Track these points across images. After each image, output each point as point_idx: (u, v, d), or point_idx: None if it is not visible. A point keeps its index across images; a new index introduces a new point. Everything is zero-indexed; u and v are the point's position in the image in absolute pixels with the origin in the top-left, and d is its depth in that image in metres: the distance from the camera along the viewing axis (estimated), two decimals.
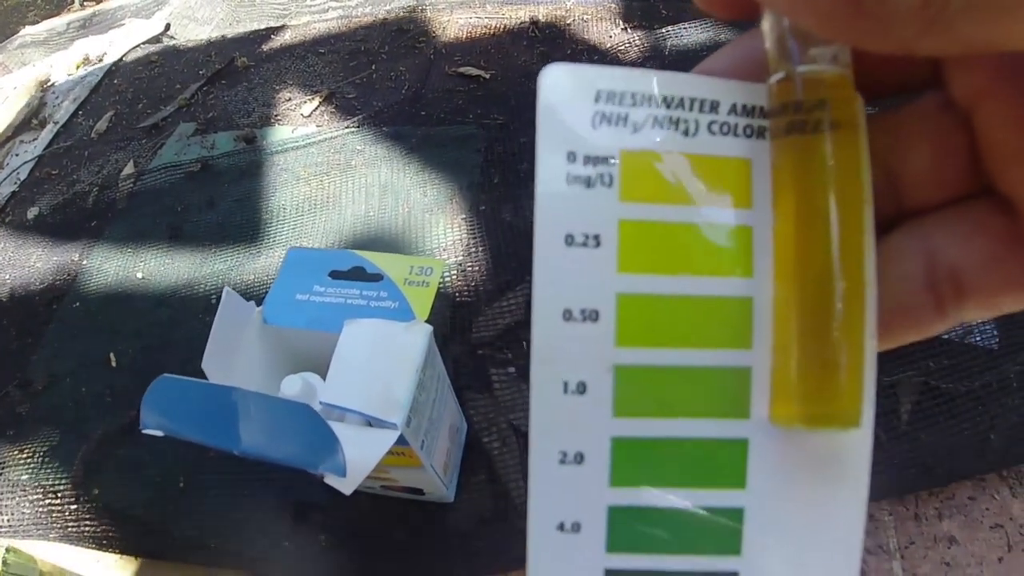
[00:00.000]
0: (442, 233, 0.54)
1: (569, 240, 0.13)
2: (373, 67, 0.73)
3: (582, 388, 0.14)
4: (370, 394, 0.31)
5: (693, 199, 0.14)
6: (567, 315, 0.13)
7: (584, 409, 0.14)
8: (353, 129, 0.65)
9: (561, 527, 0.14)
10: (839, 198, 0.12)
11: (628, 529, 0.14)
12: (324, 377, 0.33)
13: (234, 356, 0.33)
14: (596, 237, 0.13)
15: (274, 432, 0.26)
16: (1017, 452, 0.40)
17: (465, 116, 0.64)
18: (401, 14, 0.80)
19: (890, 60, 0.13)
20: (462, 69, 0.70)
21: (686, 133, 0.13)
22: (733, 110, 0.14)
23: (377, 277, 0.36)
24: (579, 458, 0.14)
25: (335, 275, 0.36)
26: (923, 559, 0.38)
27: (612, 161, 0.13)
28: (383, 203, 0.57)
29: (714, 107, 0.13)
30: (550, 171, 0.13)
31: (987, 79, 0.12)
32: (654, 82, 0.13)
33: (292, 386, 0.33)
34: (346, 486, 0.26)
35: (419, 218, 0.55)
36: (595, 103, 0.13)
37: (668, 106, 0.13)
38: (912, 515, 0.39)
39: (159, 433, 0.28)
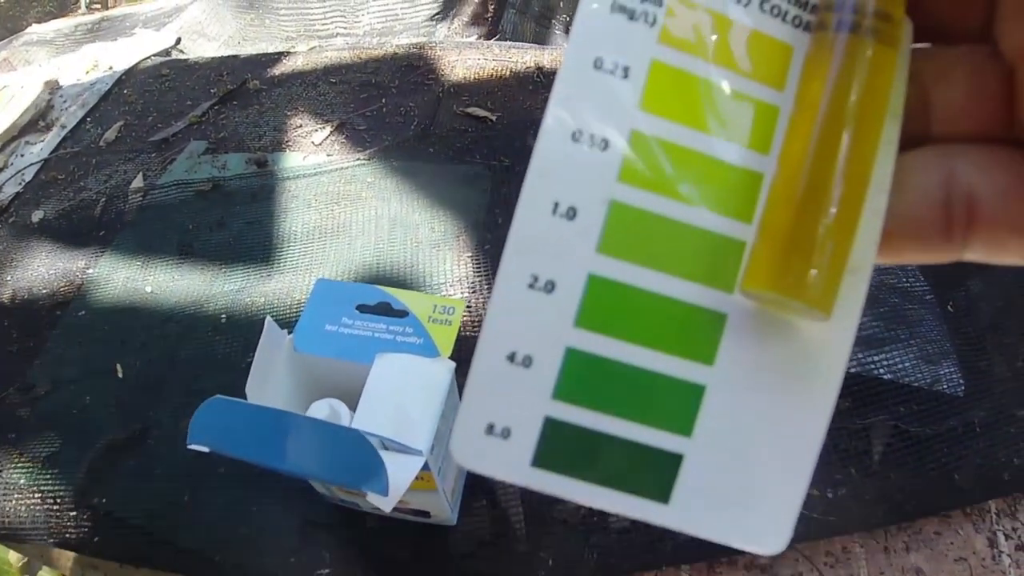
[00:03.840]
0: (449, 269, 0.57)
1: (598, 64, 0.13)
2: (383, 100, 0.76)
3: (572, 214, 0.13)
4: (398, 422, 0.33)
5: (730, 62, 0.13)
6: (576, 136, 0.13)
7: (569, 236, 0.13)
8: (364, 161, 0.68)
9: (512, 358, 0.13)
10: (862, 102, 0.12)
11: (581, 377, 0.13)
12: (349, 404, 0.36)
13: (268, 381, 0.36)
14: (626, 69, 0.13)
15: (322, 453, 0.29)
16: (980, 491, 0.44)
17: (473, 156, 0.68)
18: (410, 50, 0.84)
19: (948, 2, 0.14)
20: (470, 109, 0.73)
21: (738, 1, 0.13)
22: None
23: (402, 313, 0.39)
24: (550, 286, 0.13)
25: (362, 308, 0.39)
26: None
27: (661, 4, 0.13)
28: (392, 236, 0.60)
29: None
30: None
31: None
32: None
33: (320, 411, 0.36)
34: (386, 504, 0.29)
35: (427, 253, 0.59)
36: None
37: None
38: (882, 548, 0.43)
39: (205, 449, 0.30)
